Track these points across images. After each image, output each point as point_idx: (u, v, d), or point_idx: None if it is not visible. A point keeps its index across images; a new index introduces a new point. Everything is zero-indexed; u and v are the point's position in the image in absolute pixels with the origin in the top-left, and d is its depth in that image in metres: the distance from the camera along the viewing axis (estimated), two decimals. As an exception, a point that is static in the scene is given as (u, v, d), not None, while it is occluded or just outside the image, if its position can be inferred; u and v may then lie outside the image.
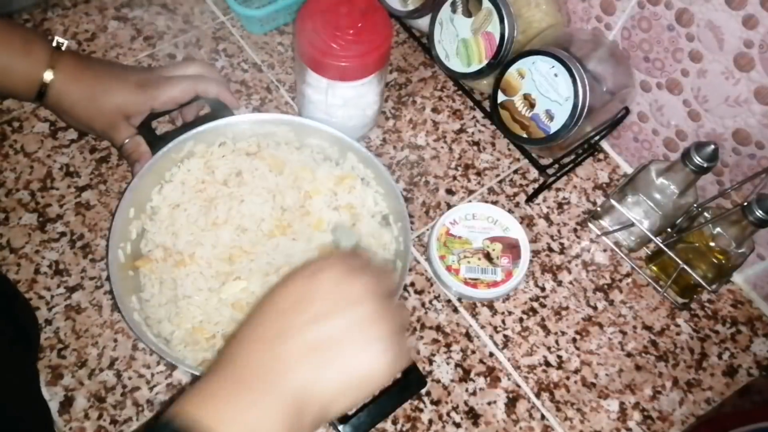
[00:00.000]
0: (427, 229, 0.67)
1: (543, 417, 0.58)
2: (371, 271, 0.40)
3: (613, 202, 0.64)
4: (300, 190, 0.61)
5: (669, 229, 0.65)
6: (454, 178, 0.70)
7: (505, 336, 0.62)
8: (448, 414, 0.57)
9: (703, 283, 0.60)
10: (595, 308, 0.64)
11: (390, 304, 0.40)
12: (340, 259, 0.40)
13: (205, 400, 0.34)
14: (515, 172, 0.71)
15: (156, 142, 0.59)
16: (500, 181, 0.71)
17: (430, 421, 0.57)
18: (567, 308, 0.64)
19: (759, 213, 0.54)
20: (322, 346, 0.36)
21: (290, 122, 0.61)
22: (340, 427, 0.49)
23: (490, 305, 0.63)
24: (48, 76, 0.56)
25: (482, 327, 0.62)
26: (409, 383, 0.53)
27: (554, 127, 0.62)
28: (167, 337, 0.53)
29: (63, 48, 0.59)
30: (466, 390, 0.59)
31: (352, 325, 0.37)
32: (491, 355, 0.61)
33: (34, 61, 0.56)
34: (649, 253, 0.68)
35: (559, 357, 0.61)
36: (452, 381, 0.59)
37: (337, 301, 0.37)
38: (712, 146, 0.56)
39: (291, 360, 0.35)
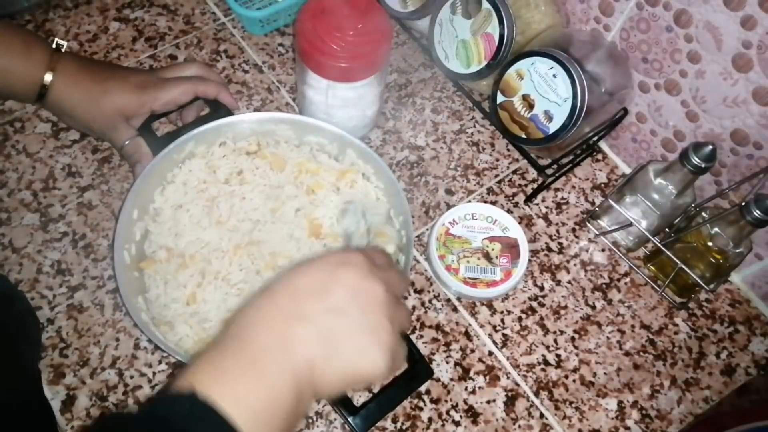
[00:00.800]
0: (427, 229, 0.67)
1: (542, 415, 0.59)
2: (390, 274, 0.42)
3: (611, 202, 0.64)
4: (302, 185, 0.61)
5: (667, 229, 0.65)
6: (454, 178, 0.70)
7: (504, 335, 0.62)
8: (447, 412, 0.58)
9: (701, 283, 0.60)
10: (593, 307, 0.65)
11: (400, 310, 0.41)
12: (365, 257, 0.41)
13: (215, 376, 0.34)
14: (514, 172, 0.72)
15: (156, 143, 0.59)
16: (499, 182, 0.71)
17: (430, 420, 0.57)
18: (566, 307, 0.64)
19: (757, 213, 0.54)
20: (333, 337, 0.37)
21: (290, 121, 0.61)
22: (350, 419, 0.50)
23: (489, 304, 0.63)
24: (48, 77, 0.56)
25: (481, 326, 0.62)
26: (416, 374, 0.53)
27: (553, 127, 0.62)
28: (173, 336, 0.54)
29: (63, 49, 0.59)
30: (466, 389, 0.59)
31: (365, 325, 0.38)
32: (490, 354, 0.61)
33: (34, 62, 0.56)
34: (647, 252, 0.68)
35: (558, 356, 0.62)
36: (452, 380, 0.59)
37: (356, 297, 0.39)
38: (710, 147, 0.57)
39: (302, 344, 0.36)
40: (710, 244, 0.60)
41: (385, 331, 0.39)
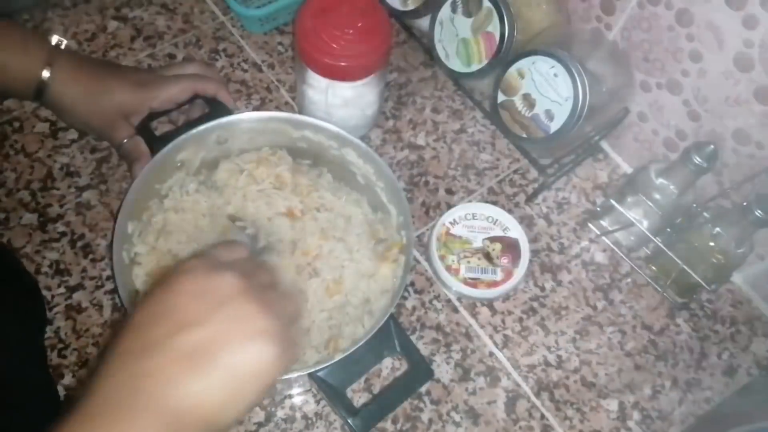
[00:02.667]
0: (427, 229, 0.67)
1: (542, 416, 0.58)
2: (245, 263, 0.38)
3: (612, 202, 0.64)
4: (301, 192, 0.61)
5: (668, 229, 0.65)
6: (454, 178, 0.70)
7: (504, 336, 0.62)
8: (448, 413, 0.57)
9: (703, 283, 0.60)
10: (594, 308, 0.64)
11: (267, 295, 0.36)
12: (200, 258, 0.36)
13: None
14: (515, 172, 0.71)
15: (155, 143, 0.59)
16: (500, 181, 0.71)
17: (430, 421, 0.57)
18: (566, 308, 0.64)
19: (758, 213, 0.54)
20: (194, 353, 0.32)
21: (289, 120, 0.61)
22: (350, 420, 0.50)
23: (489, 305, 0.63)
24: (46, 73, 0.56)
25: (482, 327, 0.62)
26: (416, 375, 0.53)
27: (554, 127, 0.62)
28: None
29: (62, 46, 0.59)
30: (466, 389, 0.59)
31: (224, 324, 0.33)
32: (491, 354, 0.61)
33: (32, 58, 0.55)
34: (648, 252, 0.68)
35: (559, 356, 0.61)
36: (452, 380, 0.59)
37: (201, 303, 0.34)
38: (712, 146, 0.57)
39: (161, 375, 0.31)
40: (712, 244, 0.60)
41: (257, 317, 0.34)
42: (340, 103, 0.63)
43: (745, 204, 0.55)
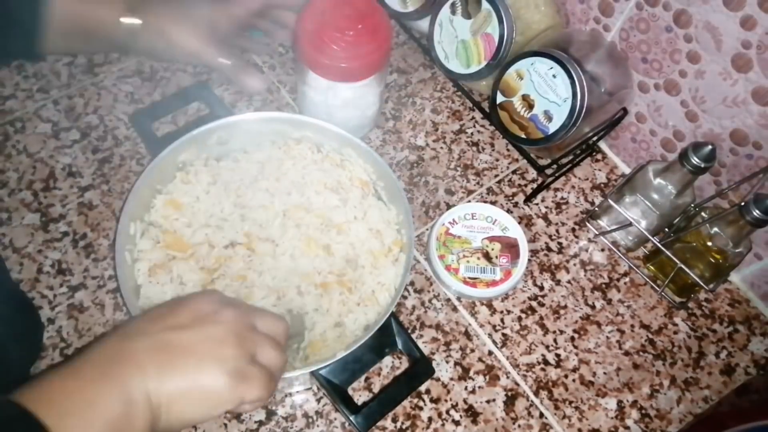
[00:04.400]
0: (427, 229, 0.67)
1: (541, 415, 0.59)
2: (254, 312, 0.44)
3: (610, 202, 0.64)
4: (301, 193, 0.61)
5: (666, 229, 0.66)
6: (454, 178, 0.71)
7: (503, 335, 0.62)
8: (447, 412, 0.58)
9: (701, 283, 0.60)
10: (593, 307, 0.65)
11: (259, 339, 0.42)
12: (218, 293, 0.44)
13: (40, 389, 0.34)
14: (514, 172, 0.72)
15: (157, 144, 0.59)
16: (499, 182, 0.71)
17: (430, 419, 0.57)
18: (565, 307, 0.64)
19: (756, 213, 0.54)
20: (168, 349, 0.38)
21: (290, 120, 0.61)
22: (351, 417, 0.50)
23: (489, 304, 0.64)
24: (136, 21, 0.55)
25: (481, 326, 0.62)
26: (416, 373, 0.54)
27: (552, 127, 0.62)
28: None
29: None
30: (466, 388, 0.59)
31: (204, 340, 0.39)
32: (490, 353, 0.61)
33: (114, 7, 0.54)
34: (646, 252, 0.68)
35: (558, 355, 0.62)
36: (451, 379, 0.59)
37: (198, 318, 0.40)
38: (710, 147, 0.57)
39: (134, 356, 0.37)
40: (710, 243, 0.60)
41: (230, 347, 0.39)
42: (341, 104, 0.64)
43: (742, 204, 0.55)
